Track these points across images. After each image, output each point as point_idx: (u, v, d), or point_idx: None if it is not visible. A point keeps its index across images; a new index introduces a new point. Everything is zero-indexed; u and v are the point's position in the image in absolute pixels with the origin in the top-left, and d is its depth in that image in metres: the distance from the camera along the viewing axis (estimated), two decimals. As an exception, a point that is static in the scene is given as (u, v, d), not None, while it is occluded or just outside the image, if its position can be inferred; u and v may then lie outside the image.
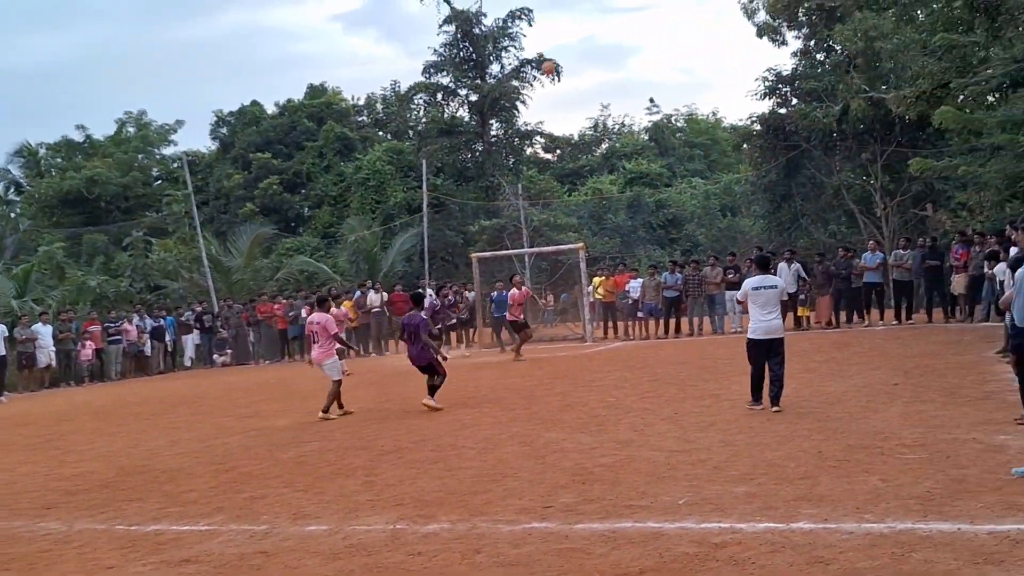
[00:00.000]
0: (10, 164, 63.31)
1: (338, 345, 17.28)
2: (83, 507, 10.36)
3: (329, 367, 16.47)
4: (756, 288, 13.36)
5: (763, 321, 13.25)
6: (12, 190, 63.85)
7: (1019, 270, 8.32)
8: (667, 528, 7.52)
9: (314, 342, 16.69)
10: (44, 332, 30.15)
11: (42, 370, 30.21)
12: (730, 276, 28.10)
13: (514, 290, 25.05)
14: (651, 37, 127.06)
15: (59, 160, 65.99)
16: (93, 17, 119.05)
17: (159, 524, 9.22)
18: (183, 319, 35.38)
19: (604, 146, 71.38)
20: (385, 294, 33.14)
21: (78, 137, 66.51)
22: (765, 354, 13.20)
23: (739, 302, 14.09)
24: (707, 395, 15.12)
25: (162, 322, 34.40)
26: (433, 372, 16.31)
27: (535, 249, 40.66)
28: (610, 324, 31.50)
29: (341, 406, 16.53)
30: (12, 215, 62.63)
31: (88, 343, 31.40)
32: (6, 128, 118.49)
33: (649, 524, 7.69)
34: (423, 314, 16.85)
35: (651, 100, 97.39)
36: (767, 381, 13.15)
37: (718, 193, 55.75)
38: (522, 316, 25.31)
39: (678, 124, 72.82)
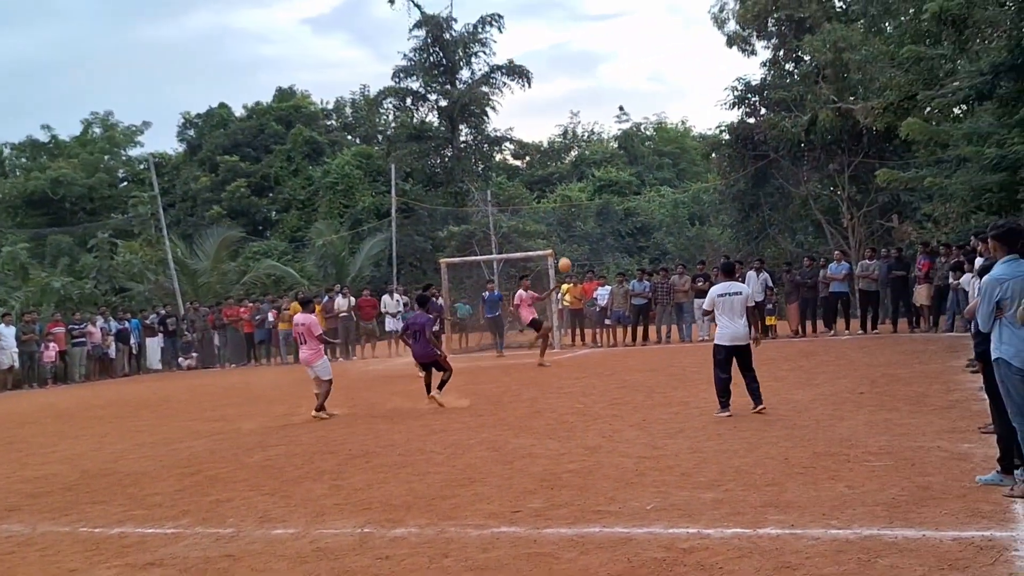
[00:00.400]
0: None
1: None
2: (46, 509, 10.26)
3: (320, 368, 16.55)
4: (722, 295, 13.48)
5: (729, 328, 13.37)
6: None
7: (984, 277, 8.38)
8: (635, 533, 7.52)
9: (301, 343, 16.72)
10: (7, 333, 29.90)
11: (4, 371, 29.96)
12: (699, 284, 28.23)
13: (521, 291, 24.73)
14: (621, 45, 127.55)
15: (24, 160, 65.77)
16: (60, 16, 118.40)
17: (123, 527, 9.14)
18: (148, 322, 35.16)
19: (573, 153, 71.58)
20: (353, 299, 33.07)
21: (43, 137, 66.47)
22: (732, 360, 13.31)
23: (706, 311, 14.13)
24: (675, 402, 15.16)
25: (127, 325, 34.17)
26: (438, 368, 16.82)
27: (504, 255, 40.69)
28: (578, 331, 31.64)
29: (321, 408, 16.52)
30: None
31: (52, 345, 31.16)
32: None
33: (617, 529, 7.68)
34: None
35: (621, 108, 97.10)
36: (743, 386, 13.27)
37: (686, 202, 56.02)
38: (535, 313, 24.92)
39: (647, 132, 73.03)
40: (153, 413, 19.81)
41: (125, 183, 64.92)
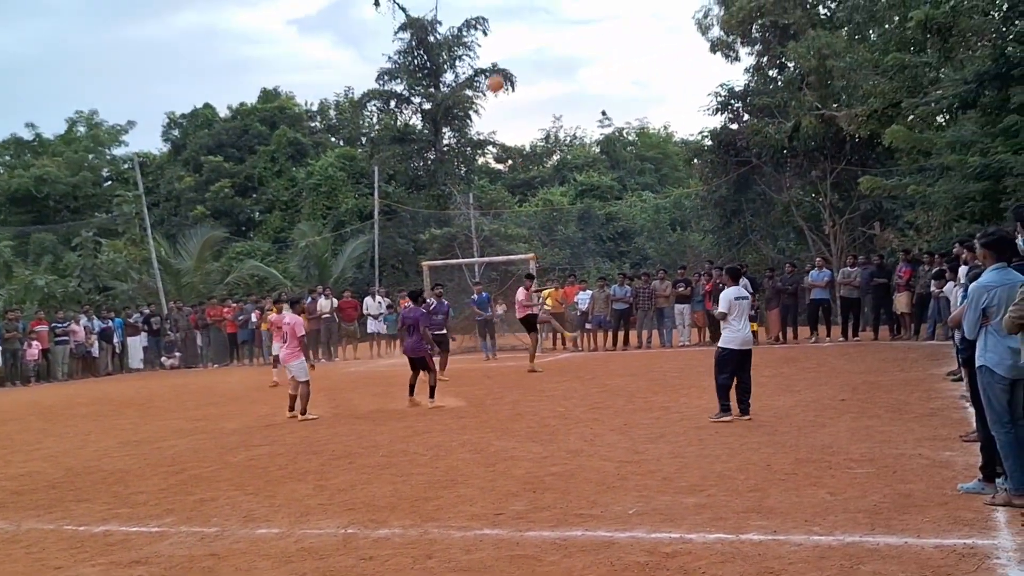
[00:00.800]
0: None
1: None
2: (31, 507, 10.26)
3: (296, 368, 16.51)
4: (737, 298, 13.50)
5: (741, 331, 13.45)
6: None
7: (971, 285, 8.45)
8: (618, 537, 7.57)
9: (283, 342, 16.74)
10: (-11, 331, 29.85)
11: (-14, 369, 29.92)
12: (680, 289, 28.31)
13: (523, 289, 24.66)
14: (604, 50, 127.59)
15: (8, 158, 65.46)
16: (45, 14, 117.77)
17: (108, 525, 9.16)
18: (131, 321, 35.08)
19: (556, 158, 71.61)
20: (335, 300, 33.07)
21: (27, 135, 66.14)
22: (739, 364, 13.36)
23: (722, 313, 13.89)
24: (656, 407, 15.19)
25: (110, 323, 34.10)
26: (424, 367, 17.07)
27: (487, 258, 40.64)
28: (559, 336, 31.66)
29: (291, 409, 16.54)
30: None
31: (35, 343, 31.07)
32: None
33: (600, 533, 7.73)
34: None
35: (603, 113, 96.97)
36: (738, 391, 13.33)
37: (668, 207, 56.06)
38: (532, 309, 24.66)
39: (630, 137, 73.11)
40: (137, 412, 19.79)
41: (109, 182, 64.72)
